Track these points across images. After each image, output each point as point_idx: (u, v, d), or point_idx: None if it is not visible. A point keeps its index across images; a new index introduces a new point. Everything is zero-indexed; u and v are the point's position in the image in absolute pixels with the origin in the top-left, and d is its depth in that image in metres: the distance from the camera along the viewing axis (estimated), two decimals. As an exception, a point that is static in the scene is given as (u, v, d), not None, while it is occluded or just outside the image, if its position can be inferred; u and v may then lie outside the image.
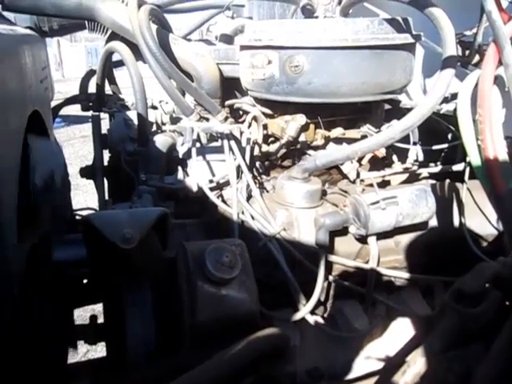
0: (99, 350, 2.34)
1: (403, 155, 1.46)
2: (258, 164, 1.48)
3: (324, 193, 1.25)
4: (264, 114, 1.52)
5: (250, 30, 1.36)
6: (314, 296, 1.07)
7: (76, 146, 7.27)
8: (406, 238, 1.21)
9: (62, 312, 1.33)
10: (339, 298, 1.18)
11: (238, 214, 1.20)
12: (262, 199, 1.19)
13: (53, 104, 1.91)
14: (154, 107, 1.90)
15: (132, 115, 1.67)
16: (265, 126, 1.52)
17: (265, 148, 1.51)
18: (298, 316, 1.07)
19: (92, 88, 1.97)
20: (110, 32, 1.81)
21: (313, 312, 1.11)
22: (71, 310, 1.43)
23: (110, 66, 1.84)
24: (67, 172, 1.54)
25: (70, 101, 1.95)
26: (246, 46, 1.37)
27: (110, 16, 1.61)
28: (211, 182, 1.36)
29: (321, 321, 1.12)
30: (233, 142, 1.34)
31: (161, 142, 1.48)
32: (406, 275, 1.20)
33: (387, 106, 1.55)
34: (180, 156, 1.43)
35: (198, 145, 1.41)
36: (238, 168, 1.32)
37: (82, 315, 2.32)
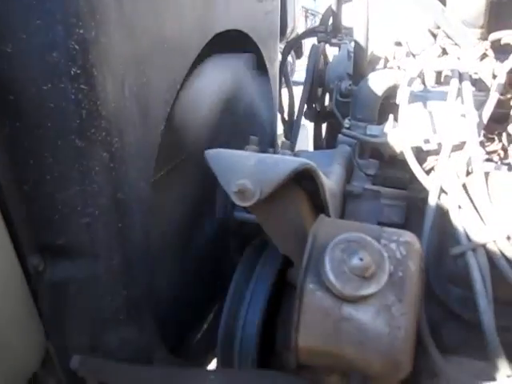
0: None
1: None
2: (511, 127, 0.97)
3: None
4: (548, 54, 0.98)
5: None
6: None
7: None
8: None
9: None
10: None
11: (440, 195, 0.77)
12: (486, 182, 0.73)
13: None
14: (399, 43, 1.50)
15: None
16: (544, 73, 0.99)
17: (532, 105, 0.98)
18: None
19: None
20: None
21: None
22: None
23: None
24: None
25: (308, 33, 1.74)
26: None
27: None
28: (427, 142, 0.95)
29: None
30: (468, 89, 0.88)
31: (377, 81, 1.11)
32: None
33: None
34: (396, 101, 1.05)
35: (420, 87, 0.99)
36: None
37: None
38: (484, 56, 1.08)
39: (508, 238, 0.67)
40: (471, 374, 0.66)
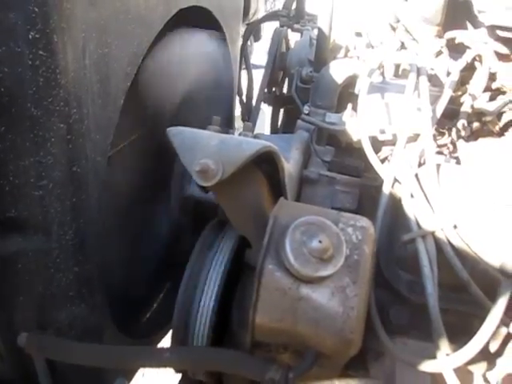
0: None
1: None
2: (460, 123, 1.02)
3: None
4: (498, 55, 1.03)
5: None
6: (470, 344, 0.65)
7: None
8: None
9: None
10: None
11: (394, 184, 0.81)
12: (437, 173, 0.77)
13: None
14: (359, 34, 1.53)
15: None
16: (492, 75, 1.04)
17: (480, 103, 1.03)
18: (431, 366, 0.67)
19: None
20: None
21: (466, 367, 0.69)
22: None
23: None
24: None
25: (270, 16, 1.73)
26: None
27: None
28: (383, 132, 0.98)
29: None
30: (425, 84, 0.91)
31: (338, 69, 1.13)
32: None
33: None
34: (355, 91, 1.08)
35: (379, 79, 1.02)
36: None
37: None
38: (439, 53, 1.12)
39: (455, 226, 0.71)
40: (415, 354, 0.70)
